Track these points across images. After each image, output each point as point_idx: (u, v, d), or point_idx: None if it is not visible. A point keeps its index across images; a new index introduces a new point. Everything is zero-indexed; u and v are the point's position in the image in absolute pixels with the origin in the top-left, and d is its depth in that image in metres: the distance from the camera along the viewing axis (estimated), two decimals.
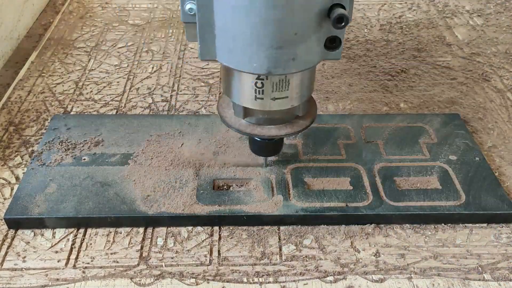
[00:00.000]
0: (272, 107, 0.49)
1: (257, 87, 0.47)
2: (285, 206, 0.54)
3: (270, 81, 0.47)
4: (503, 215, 0.54)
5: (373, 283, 0.48)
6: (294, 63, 0.44)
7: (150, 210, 0.53)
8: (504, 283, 0.48)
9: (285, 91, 0.48)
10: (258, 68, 0.44)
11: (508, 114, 0.71)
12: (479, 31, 0.91)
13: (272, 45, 0.42)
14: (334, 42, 0.46)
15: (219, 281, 0.48)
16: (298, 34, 0.42)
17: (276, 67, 0.44)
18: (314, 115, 0.54)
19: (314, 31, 0.43)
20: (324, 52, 0.46)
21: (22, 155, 0.62)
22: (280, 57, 0.43)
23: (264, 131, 0.51)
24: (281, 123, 0.52)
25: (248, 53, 0.43)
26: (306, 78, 0.49)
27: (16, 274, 0.49)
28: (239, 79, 0.48)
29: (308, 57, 0.45)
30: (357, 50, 0.85)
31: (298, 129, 0.52)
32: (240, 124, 0.52)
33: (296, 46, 0.43)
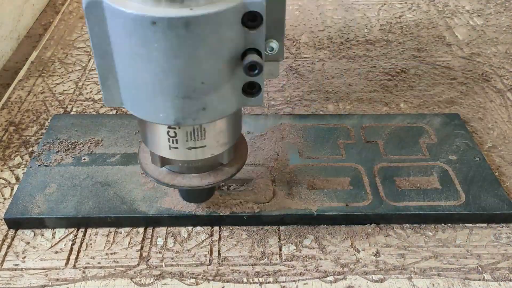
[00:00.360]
0: (188, 157, 0.45)
1: (170, 136, 0.44)
2: (285, 206, 0.54)
3: (183, 130, 0.43)
4: (503, 215, 0.54)
5: (373, 283, 0.48)
6: (206, 112, 0.40)
7: (150, 210, 0.53)
8: (504, 283, 0.48)
9: (202, 140, 0.44)
10: (165, 119, 0.41)
11: (508, 114, 0.71)
12: (479, 31, 0.91)
13: (178, 95, 0.39)
14: (254, 87, 0.41)
15: (219, 281, 0.48)
16: (206, 83, 0.39)
17: (185, 118, 0.40)
18: (243, 161, 0.50)
19: (226, 78, 0.40)
20: (242, 98, 0.42)
21: (22, 155, 0.62)
22: (188, 107, 0.40)
23: (185, 181, 0.48)
24: (204, 171, 0.48)
25: (153, 103, 0.40)
26: (226, 125, 0.45)
27: (16, 274, 0.49)
28: (151, 128, 0.45)
29: (222, 105, 0.41)
30: (357, 50, 0.85)
31: (222, 178, 0.49)
32: (160, 172, 0.49)
33: (205, 95, 0.39)
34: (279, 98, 0.73)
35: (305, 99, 0.73)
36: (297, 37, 0.89)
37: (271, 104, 0.72)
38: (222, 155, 0.48)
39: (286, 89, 0.75)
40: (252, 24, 0.38)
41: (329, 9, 0.99)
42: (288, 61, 0.82)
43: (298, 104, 0.72)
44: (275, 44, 0.43)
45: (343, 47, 0.86)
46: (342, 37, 0.89)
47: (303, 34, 0.90)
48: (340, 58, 0.83)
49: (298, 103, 0.72)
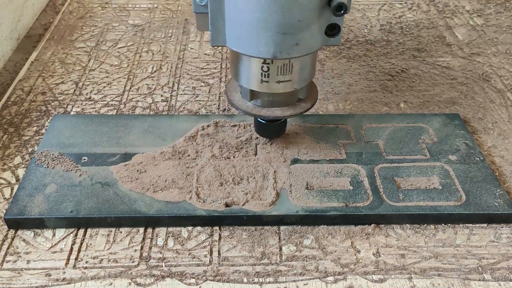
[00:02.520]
0: (277, 90, 0.52)
1: (263, 70, 0.51)
2: (285, 206, 0.54)
3: (275, 65, 0.50)
4: (503, 215, 0.54)
5: (373, 283, 0.48)
6: (298, 48, 0.48)
7: (150, 210, 0.53)
8: (504, 283, 0.48)
9: (289, 74, 0.51)
10: (264, 53, 0.48)
11: (508, 114, 0.71)
12: (479, 31, 0.91)
13: (278, 31, 0.46)
14: (334, 29, 0.49)
15: (219, 281, 0.48)
16: (301, 21, 0.46)
17: (281, 52, 0.48)
18: (315, 99, 0.57)
19: (316, 18, 0.47)
20: (324, 39, 0.49)
21: (22, 155, 0.62)
22: (285, 42, 0.47)
23: (269, 112, 0.55)
24: (285, 105, 0.55)
25: (255, 39, 0.47)
26: (307, 62, 0.52)
27: (16, 274, 0.49)
28: (247, 64, 0.51)
29: (310, 42, 0.48)
30: (357, 50, 0.85)
31: (300, 111, 0.55)
32: (247, 106, 0.56)
33: (299, 32, 0.47)
34: None
35: None
36: None
37: None
38: (303, 90, 0.55)
39: None
40: None
41: None
42: None
43: None
44: None
45: (343, 47, 0.86)
46: (342, 37, 0.89)
47: None
48: (340, 58, 0.83)
49: None
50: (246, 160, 0.59)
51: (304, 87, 0.55)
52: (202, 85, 0.76)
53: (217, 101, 0.72)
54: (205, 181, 0.56)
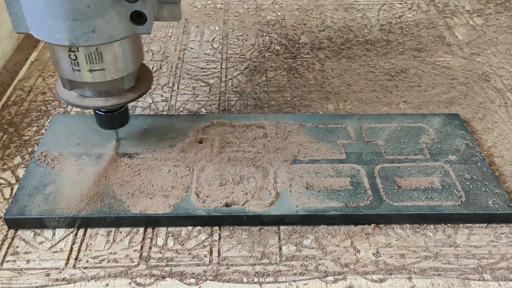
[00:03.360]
0: (90, 79, 0.51)
1: (72, 59, 0.50)
2: (285, 206, 0.54)
3: (82, 53, 0.49)
4: (503, 215, 0.54)
5: (373, 283, 0.48)
6: (95, 35, 0.47)
7: (150, 210, 0.53)
8: (504, 283, 0.48)
9: (99, 63, 0.50)
10: (61, 40, 0.47)
11: (508, 114, 0.71)
12: (479, 31, 0.91)
13: (68, 17, 0.45)
14: (142, 17, 0.48)
15: (219, 281, 0.48)
16: (91, 7, 0.45)
17: (78, 39, 0.46)
18: (145, 88, 0.56)
19: (110, 5, 0.46)
20: (131, 26, 0.48)
21: (22, 155, 0.62)
22: (78, 29, 0.46)
23: (91, 102, 0.54)
24: (109, 95, 0.54)
25: (50, 25, 0.46)
26: (122, 51, 0.51)
27: (16, 274, 0.49)
28: (57, 52, 0.50)
29: (110, 30, 0.47)
30: (357, 50, 0.85)
31: (124, 100, 0.54)
32: (71, 96, 0.54)
33: (92, 18, 0.46)
34: (279, 98, 0.73)
35: (305, 99, 0.73)
36: (297, 37, 0.89)
37: (271, 104, 0.72)
38: (122, 80, 0.53)
39: (286, 89, 0.75)
40: None
41: (329, 9, 0.99)
42: (288, 61, 0.82)
43: (298, 104, 0.72)
44: None
45: (343, 47, 0.86)
46: (342, 37, 0.89)
47: (303, 34, 0.90)
48: (340, 58, 0.83)
49: (298, 103, 0.72)
50: (246, 160, 0.59)
51: (129, 76, 0.54)
52: (202, 85, 0.76)
53: (217, 101, 0.72)
54: (205, 181, 0.57)
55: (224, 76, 0.78)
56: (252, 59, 0.83)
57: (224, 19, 0.95)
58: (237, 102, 0.72)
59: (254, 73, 0.79)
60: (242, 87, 0.76)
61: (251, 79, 0.78)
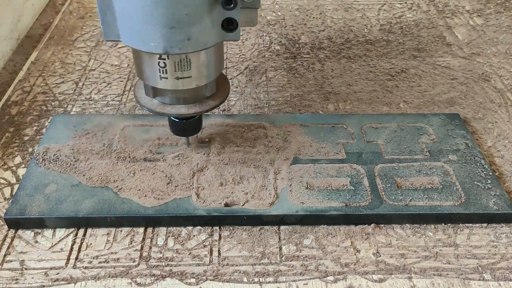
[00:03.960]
0: (177, 86, 0.51)
1: (161, 66, 0.49)
2: (285, 206, 0.54)
3: (171, 60, 0.49)
4: (503, 215, 0.54)
5: (373, 283, 0.48)
6: (190, 43, 0.46)
7: (150, 210, 0.53)
8: (504, 283, 0.48)
9: (188, 70, 0.50)
10: (155, 48, 0.46)
11: (508, 114, 0.71)
12: (479, 31, 0.91)
13: (165, 25, 0.45)
14: (232, 24, 0.48)
15: (219, 281, 0.48)
16: (189, 15, 0.45)
17: (172, 47, 0.46)
18: (225, 96, 0.56)
19: (207, 12, 0.46)
20: (222, 34, 0.48)
21: (22, 155, 0.62)
22: (174, 36, 0.45)
23: (174, 110, 0.53)
24: (190, 102, 0.54)
25: (145, 33, 0.46)
26: (208, 58, 0.51)
27: (16, 274, 0.49)
28: (144, 59, 0.50)
29: (204, 37, 0.47)
30: (357, 50, 0.85)
31: (206, 108, 0.54)
32: (152, 103, 0.54)
33: (189, 26, 0.45)
34: (279, 98, 0.73)
35: (305, 99, 0.73)
36: (297, 37, 0.89)
37: (271, 104, 0.72)
38: (206, 87, 0.53)
39: (286, 89, 0.75)
40: None
41: (329, 9, 0.99)
42: (288, 61, 0.82)
43: (298, 104, 0.72)
44: None
45: (343, 47, 0.86)
46: (342, 37, 0.89)
47: (303, 34, 0.90)
48: (340, 58, 0.83)
49: (298, 103, 0.72)
50: (246, 160, 0.59)
51: (211, 84, 0.53)
52: None
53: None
54: (205, 181, 0.57)
55: None
56: (252, 59, 0.83)
57: None
58: (237, 102, 0.72)
59: (254, 73, 0.79)
60: (242, 87, 0.76)
61: (251, 79, 0.78)
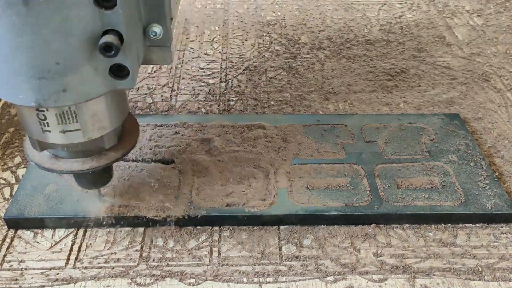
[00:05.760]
0: (64, 141, 0.44)
1: (40, 119, 0.42)
2: (285, 206, 0.54)
3: (52, 113, 0.42)
4: (503, 215, 0.54)
5: (373, 283, 0.48)
6: (67, 94, 0.39)
7: (151, 210, 0.53)
8: (504, 283, 0.48)
9: (74, 123, 0.43)
10: (25, 100, 0.39)
11: (508, 114, 0.71)
12: (479, 31, 0.91)
13: (32, 75, 0.38)
14: (123, 71, 0.40)
15: (219, 281, 0.48)
16: (61, 64, 0.38)
17: (45, 99, 0.39)
18: (130, 146, 0.49)
19: (86, 60, 0.38)
20: (111, 81, 0.41)
21: (22, 155, 0.62)
22: (45, 88, 0.38)
23: (66, 165, 0.47)
24: (88, 155, 0.47)
25: (11, 84, 0.38)
26: (101, 108, 0.44)
27: (16, 274, 0.49)
28: (23, 111, 0.43)
29: (86, 88, 0.40)
30: (357, 50, 0.85)
31: (104, 162, 0.47)
32: (41, 158, 0.47)
33: (63, 76, 0.38)
34: (279, 98, 0.73)
35: (305, 99, 0.73)
36: (297, 37, 0.89)
37: (271, 104, 0.72)
38: (102, 139, 0.46)
39: (286, 89, 0.75)
40: (107, 4, 0.37)
41: (329, 9, 0.99)
42: (288, 61, 0.82)
43: (298, 104, 0.72)
44: (158, 29, 0.42)
45: (343, 47, 0.86)
46: (342, 37, 0.89)
47: (303, 34, 0.90)
48: (340, 58, 0.83)
49: (298, 103, 0.72)
50: (246, 160, 0.59)
51: (108, 135, 0.46)
52: (202, 85, 0.76)
53: (217, 101, 0.72)
54: (205, 181, 0.57)
55: (224, 76, 0.78)
56: (252, 59, 0.83)
57: (224, 19, 0.95)
58: (237, 102, 0.72)
59: (254, 73, 0.79)
60: (242, 87, 0.76)
61: (251, 79, 0.78)
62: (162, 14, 0.42)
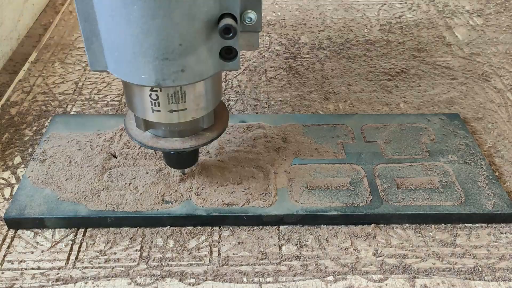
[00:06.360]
0: (171, 120, 0.47)
1: (152, 99, 0.45)
2: (285, 206, 0.54)
3: (164, 93, 0.45)
4: (503, 215, 0.54)
5: (373, 283, 0.48)
6: (184, 74, 0.42)
7: (150, 210, 0.53)
8: (504, 283, 0.48)
9: (183, 103, 0.46)
10: (146, 80, 0.42)
11: (508, 114, 0.71)
12: (479, 31, 0.91)
13: (157, 56, 0.40)
14: (231, 53, 0.44)
15: (219, 281, 0.48)
16: (183, 45, 0.40)
17: (165, 79, 0.42)
18: (223, 127, 0.52)
19: (203, 41, 0.41)
20: (220, 63, 0.44)
21: (22, 155, 0.62)
22: (167, 68, 0.41)
23: (168, 144, 0.49)
24: (186, 135, 0.50)
25: (134, 64, 0.41)
26: (205, 89, 0.47)
27: (16, 274, 0.49)
28: (135, 91, 0.46)
29: (200, 68, 0.43)
30: (357, 50, 0.85)
31: (203, 142, 0.50)
32: (144, 136, 0.50)
33: (183, 57, 0.41)
34: (279, 98, 0.73)
35: (305, 99, 0.73)
36: (297, 37, 0.89)
37: (271, 104, 0.72)
38: (203, 119, 0.49)
39: (286, 89, 0.75)
40: None
41: (329, 9, 0.99)
42: (288, 61, 0.82)
43: (298, 104, 0.72)
44: (253, 15, 0.44)
45: (343, 47, 0.86)
46: (342, 37, 0.89)
47: (303, 34, 0.90)
48: (340, 58, 0.83)
49: (298, 103, 0.72)
50: (246, 160, 0.59)
51: (208, 115, 0.49)
52: None
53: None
54: (205, 181, 0.57)
55: (224, 76, 0.78)
56: (252, 59, 0.83)
57: None
58: (237, 102, 0.72)
59: (254, 73, 0.79)
60: (242, 87, 0.76)
61: (251, 79, 0.78)
62: (258, 1, 0.44)
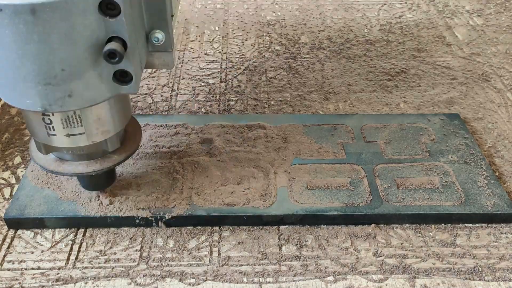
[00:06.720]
0: (69, 144, 0.46)
1: (46, 123, 0.44)
2: (285, 206, 0.54)
3: (57, 117, 0.43)
4: (503, 215, 0.54)
5: (373, 283, 0.48)
6: (73, 100, 0.41)
7: (150, 210, 0.53)
8: (504, 283, 0.48)
9: (79, 127, 0.44)
10: (32, 105, 0.40)
11: (508, 114, 0.71)
12: (479, 31, 0.91)
13: (39, 82, 0.39)
14: (126, 75, 0.42)
15: (219, 281, 0.48)
16: (67, 70, 0.39)
17: (51, 104, 0.40)
18: (133, 149, 0.50)
19: (90, 66, 0.40)
20: (115, 87, 0.42)
21: (22, 155, 0.62)
22: (51, 93, 0.40)
23: (70, 168, 0.48)
24: (91, 158, 0.48)
25: (17, 89, 0.40)
26: (105, 113, 0.45)
27: (16, 274, 0.49)
28: (29, 115, 0.45)
29: (90, 93, 0.41)
30: (357, 50, 0.85)
31: (108, 165, 0.49)
32: (47, 160, 0.49)
33: (68, 82, 0.39)
34: (279, 98, 0.73)
35: (305, 99, 0.73)
36: (297, 37, 0.89)
37: (271, 104, 0.72)
38: (106, 142, 0.47)
39: (286, 89, 0.75)
40: (111, 12, 0.38)
41: (329, 9, 0.99)
42: (288, 61, 0.82)
43: (298, 104, 0.72)
44: (161, 35, 0.43)
45: (343, 47, 0.86)
46: (342, 37, 0.89)
47: (303, 34, 0.90)
48: (340, 58, 0.83)
49: (298, 103, 0.72)
50: (246, 160, 0.59)
51: (111, 138, 0.47)
52: (202, 85, 0.76)
53: (217, 101, 0.72)
54: (205, 181, 0.57)
55: (224, 76, 0.78)
56: (252, 59, 0.83)
57: (224, 19, 0.95)
58: (237, 102, 0.72)
59: (254, 73, 0.79)
60: (242, 87, 0.76)
61: (251, 79, 0.78)
62: (164, 20, 0.43)
